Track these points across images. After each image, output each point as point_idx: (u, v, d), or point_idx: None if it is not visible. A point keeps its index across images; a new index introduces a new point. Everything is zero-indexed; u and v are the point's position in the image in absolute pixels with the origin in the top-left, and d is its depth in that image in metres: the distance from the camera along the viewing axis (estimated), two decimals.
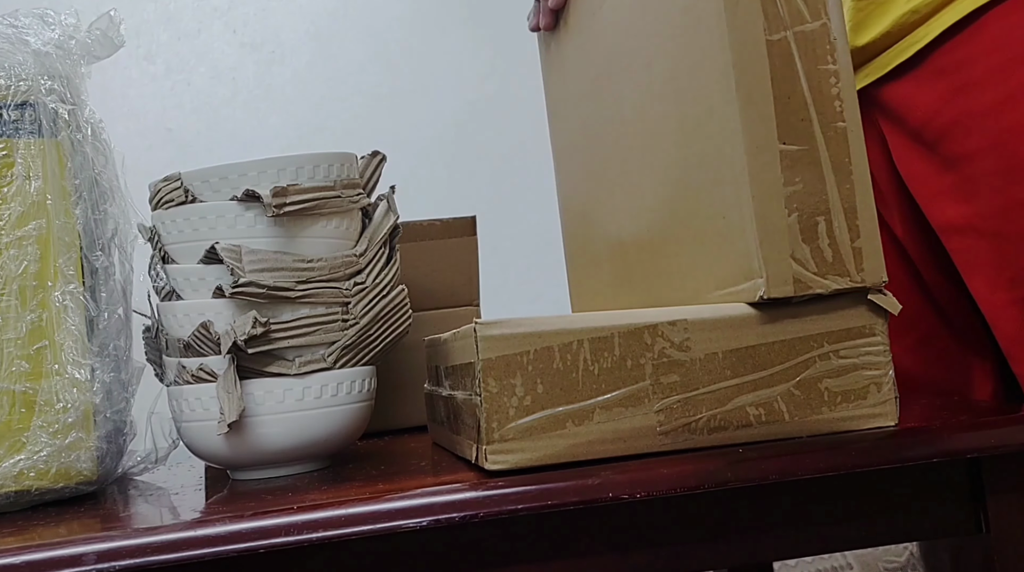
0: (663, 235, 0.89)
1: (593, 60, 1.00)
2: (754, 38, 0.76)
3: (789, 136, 0.76)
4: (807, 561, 1.76)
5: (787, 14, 0.77)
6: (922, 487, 0.80)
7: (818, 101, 0.77)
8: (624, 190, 0.96)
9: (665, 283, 0.89)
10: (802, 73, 0.77)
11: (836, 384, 0.77)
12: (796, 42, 0.77)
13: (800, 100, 0.77)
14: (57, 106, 0.88)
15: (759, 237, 0.76)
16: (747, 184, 0.76)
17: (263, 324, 0.84)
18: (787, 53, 0.77)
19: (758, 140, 0.76)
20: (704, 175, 0.82)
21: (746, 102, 0.76)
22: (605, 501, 0.72)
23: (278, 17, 1.73)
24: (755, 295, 0.76)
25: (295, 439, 0.85)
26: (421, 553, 0.75)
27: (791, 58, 0.77)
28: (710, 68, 0.79)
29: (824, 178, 0.77)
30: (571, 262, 1.13)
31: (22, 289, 0.85)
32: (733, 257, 0.79)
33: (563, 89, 1.09)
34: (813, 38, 0.77)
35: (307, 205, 0.85)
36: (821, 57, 0.77)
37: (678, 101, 0.85)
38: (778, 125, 0.76)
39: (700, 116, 0.81)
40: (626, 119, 0.95)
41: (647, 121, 0.91)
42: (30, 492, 0.84)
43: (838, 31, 0.77)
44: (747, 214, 0.76)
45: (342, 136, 1.67)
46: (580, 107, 1.05)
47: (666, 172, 0.88)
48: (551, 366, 0.74)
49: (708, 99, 0.80)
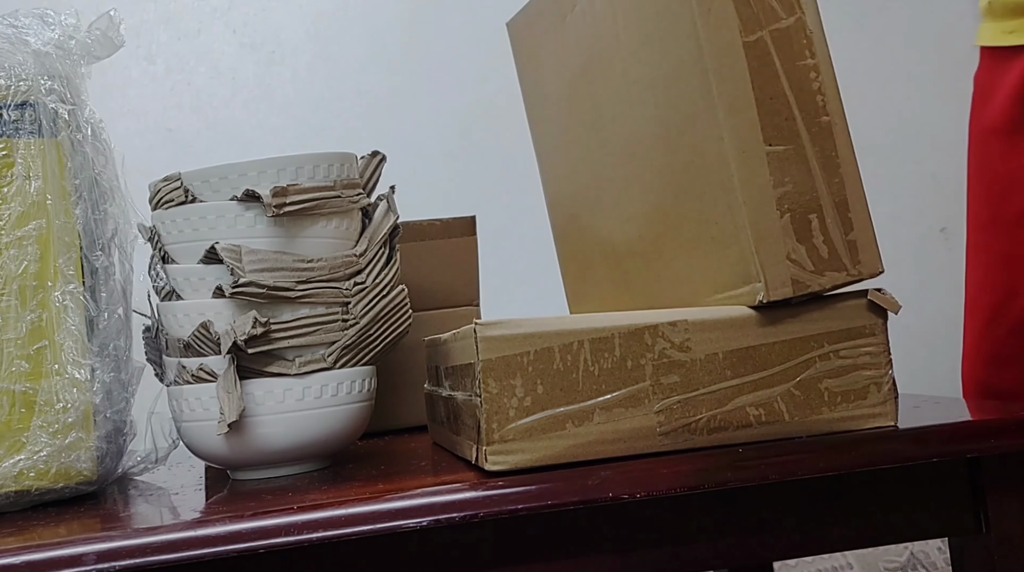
0: (655, 241, 0.89)
1: (568, 63, 0.98)
2: (730, 42, 0.75)
3: (774, 137, 0.76)
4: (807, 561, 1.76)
5: (761, 13, 0.76)
6: (922, 487, 0.80)
7: (800, 98, 0.76)
8: (611, 197, 0.95)
9: (661, 289, 0.89)
10: (782, 72, 0.76)
11: (836, 384, 0.77)
12: (773, 41, 0.76)
13: (782, 100, 0.76)
14: (57, 106, 0.88)
15: (754, 241, 0.76)
16: (737, 189, 0.76)
17: (263, 324, 0.84)
18: (765, 53, 0.76)
19: (743, 145, 0.76)
20: (692, 181, 0.81)
21: (728, 108, 0.76)
22: (605, 501, 0.72)
23: (278, 17, 1.73)
24: (754, 299, 0.76)
25: (295, 439, 0.85)
26: (421, 553, 0.75)
27: (769, 58, 0.76)
28: (688, 75, 0.78)
29: (813, 175, 0.76)
30: (565, 268, 1.13)
31: (22, 289, 0.85)
32: (729, 262, 0.78)
33: (541, 90, 1.07)
34: (789, 34, 0.76)
35: (307, 205, 0.85)
36: (799, 53, 0.76)
37: (658, 108, 0.84)
38: (762, 127, 0.76)
39: (682, 123, 0.81)
40: (606, 126, 0.94)
41: (628, 128, 0.90)
42: (30, 492, 0.84)
43: (813, 24, 0.76)
44: (740, 219, 0.76)
45: (342, 136, 1.67)
46: (559, 113, 1.04)
47: (652, 179, 0.87)
48: (551, 367, 0.74)
49: (689, 106, 0.79)
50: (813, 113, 0.76)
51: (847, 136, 0.77)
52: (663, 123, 0.83)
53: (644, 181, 0.88)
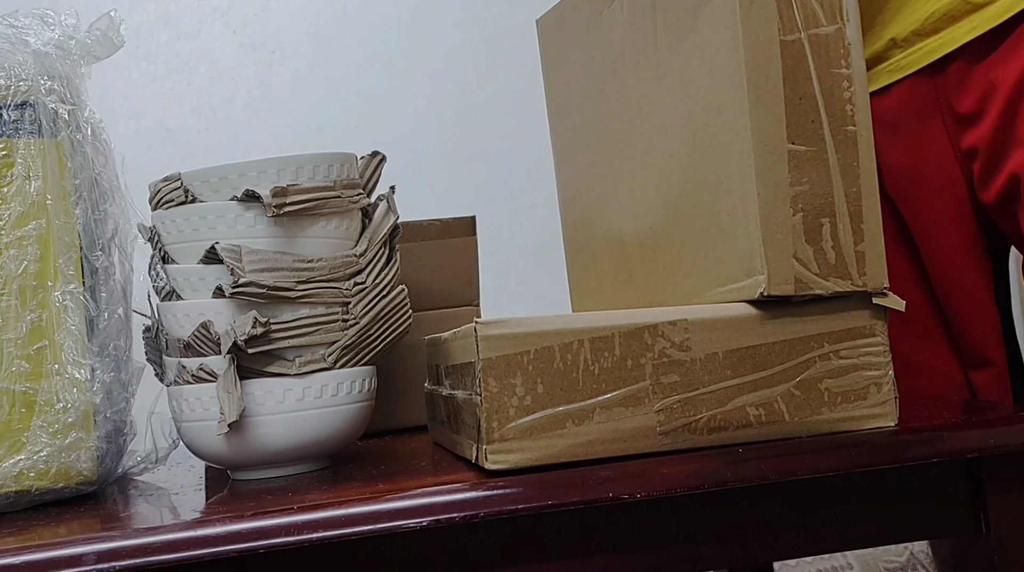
0: (666, 232, 0.89)
1: (598, 58, 1.00)
2: (768, 38, 0.76)
3: (798, 136, 0.77)
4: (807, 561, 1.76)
5: (802, 16, 0.77)
6: (922, 487, 0.80)
7: (829, 104, 0.77)
8: (627, 187, 0.96)
9: (666, 280, 0.89)
10: (815, 75, 0.77)
11: (836, 384, 0.77)
12: (810, 44, 0.77)
13: (811, 102, 0.77)
14: (57, 106, 0.88)
15: (763, 234, 0.76)
16: (753, 181, 0.76)
17: (263, 324, 0.84)
18: (800, 55, 0.77)
19: (766, 138, 0.76)
20: (710, 171, 0.82)
21: (757, 101, 0.76)
22: (605, 501, 0.72)
23: (278, 17, 1.73)
24: (755, 292, 0.76)
25: (295, 439, 0.85)
26: (421, 553, 0.75)
27: (804, 60, 0.77)
28: (722, 66, 0.79)
29: (831, 180, 0.77)
30: (571, 260, 1.13)
31: (22, 289, 0.85)
32: (735, 254, 0.79)
33: (566, 87, 1.09)
34: (828, 41, 0.77)
35: (307, 205, 0.85)
36: (835, 61, 0.77)
37: (687, 98, 0.85)
38: (788, 125, 0.76)
39: (709, 113, 0.81)
40: (631, 116, 0.95)
41: (653, 118, 0.91)
42: (30, 492, 0.84)
43: (853, 36, 0.77)
44: (752, 211, 0.76)
45: (342, 136, 1.67)
46: (584, 105, 1.05)
47: (671, 168, 0.88)
48: (551, 366, 0.74)
49: (719, 97, 0.80)
50: (841, 121, 0.77)
51: (871, 151, 0.78)
52: (689, 114, 0.84)
53: (663, 170, 0.89)
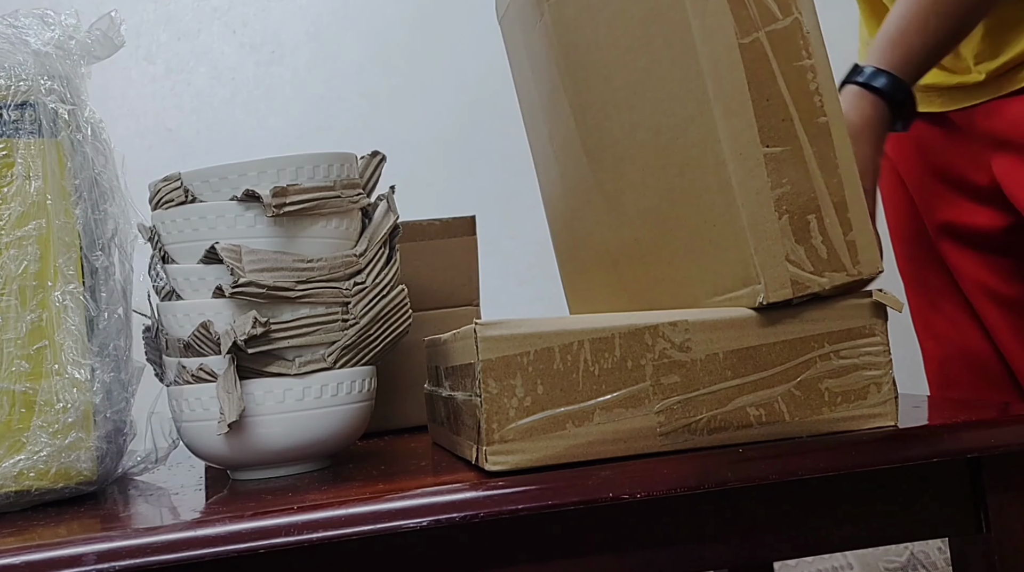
0: (652, 243, 0.88)
1: (546, 74, 0.96)
2: (726, 43, 0.75)
3: (772, 138, 0.76)
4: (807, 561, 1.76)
5: (757, 14, 0.75)
6: (922, 487, 0.80)
7: (798, 99, 0.75)
8: (603, 202, 0.95)
9: (660, 289, 0.89)
10: (778, 73, 0.75)
11: (836, 384, 0.77)
12: (769, 42, 0.75)
13: (779, 101, 0.75)
14: (57, 106, 0.88)
15: (753, 243, 0.75)
16: (735, 192, 0.75)
17: (263, 324, 0.84)
18: (761, 54, 0.75)
19: (740, 147, 0.75)
20: (688, 184, 0.81)
21: (725, 110, 0.75)
22: (605, 501, 0.72)
23: (278, 17, 1.73)
24: (754, 301, 0.76)
25: (295, 439, 0.85)
26: (421, 553, 0.75)
27: (766, 59, 0.75)
28: (681, 78, 0.78)
29: (811, 176, 0.76)
30: (564, 271, 1.12)
31: (22, 289, 0.85)
32: (728, 264, 0.78)
33: (526, 95, 1.06)
34: (786, 35, 0.75)
35: (307, 205, 0.85)
36: (795, 54, 0.75)
37: (649, 113, 0.83)
38: (759, 129, 0.75)
39: (676, 127, 0.80)
40: (591, 133, 0.93)
41: (615, 134, 0.89)
42: (30, 492, 0.84)
43: (810, 24, 0.76)
44: (738, 222, 0.76)
45: (342, 136, 1.67)
46: (543, 117, 1.03)
47: (644, 181, 0.87)
48: (551, 367, 0.74)
49: (683, 110, 0.79)
50: (811, 114, 0.76)
51: (845, 136, 0.76)
52: (655, 128, 0.83)
53: (638, 185, 0.88)
